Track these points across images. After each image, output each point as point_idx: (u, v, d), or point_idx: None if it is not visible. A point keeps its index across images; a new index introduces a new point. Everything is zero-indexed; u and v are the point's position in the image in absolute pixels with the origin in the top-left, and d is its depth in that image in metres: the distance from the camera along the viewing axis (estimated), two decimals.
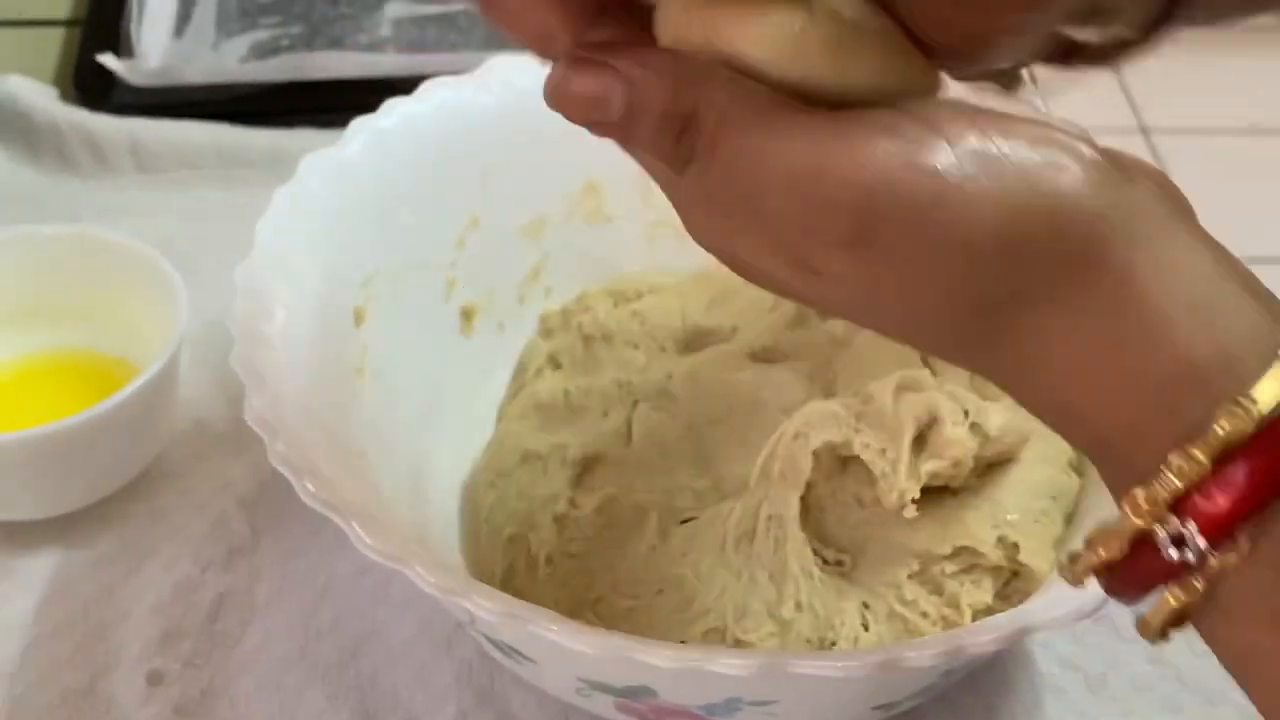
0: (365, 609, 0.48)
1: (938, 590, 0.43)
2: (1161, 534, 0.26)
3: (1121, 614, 0.48)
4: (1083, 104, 0.52)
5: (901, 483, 0.43)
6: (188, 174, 0.66)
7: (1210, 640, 0.27)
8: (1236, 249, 0.47)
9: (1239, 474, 0.26)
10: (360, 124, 0.49)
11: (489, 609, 0.35)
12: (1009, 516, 0.44)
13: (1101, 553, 0.27)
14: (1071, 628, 0.47)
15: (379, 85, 0.63)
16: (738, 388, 0.50)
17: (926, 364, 0.48)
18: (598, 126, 0.30)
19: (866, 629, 0.43)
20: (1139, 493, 0.27)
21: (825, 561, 0.45)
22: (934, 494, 0.44)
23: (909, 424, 0.44)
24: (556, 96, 0.30)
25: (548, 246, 0.54)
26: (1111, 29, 0.32)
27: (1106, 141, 0.50)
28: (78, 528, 0.50)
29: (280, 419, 0.40)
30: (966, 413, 0.44)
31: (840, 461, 0.45)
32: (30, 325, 0.54)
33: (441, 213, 0.51)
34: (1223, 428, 0.26)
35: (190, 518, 0.51)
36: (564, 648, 0.36)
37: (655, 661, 0.34)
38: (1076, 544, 0.42)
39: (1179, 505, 0.26)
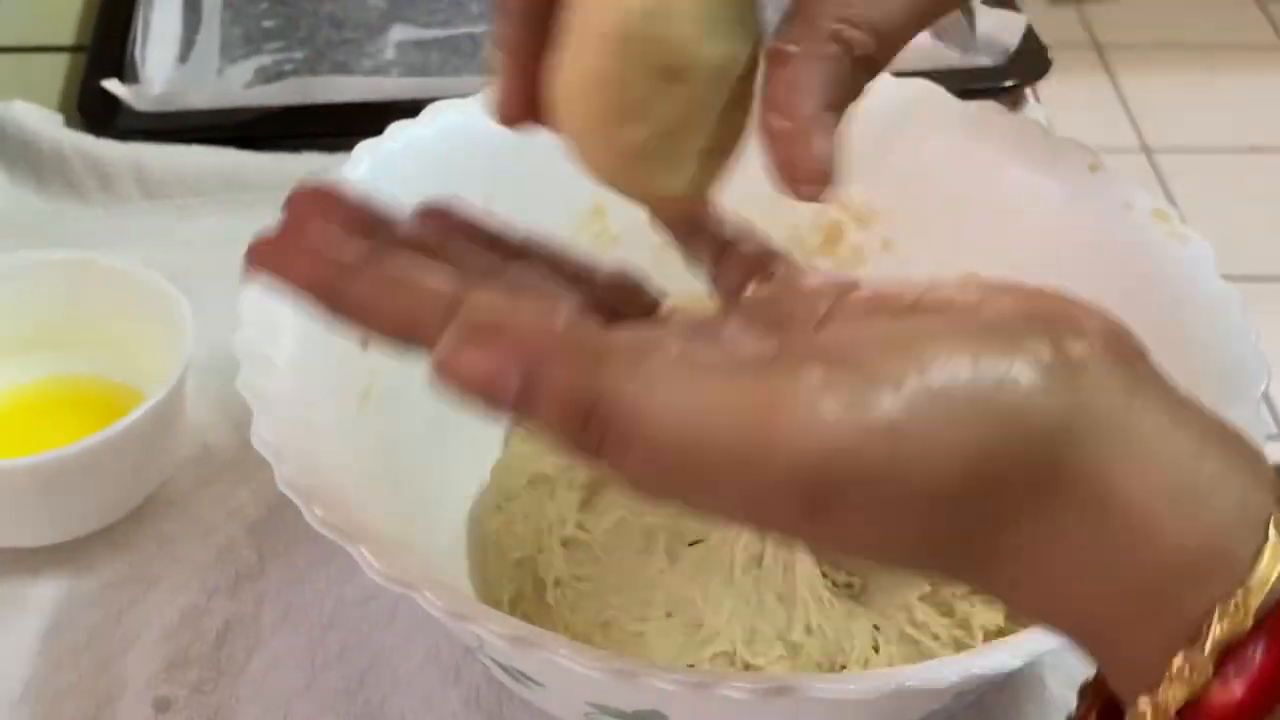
0: (372, 635, 0.48)
1: (949, 612, 0.43)
2: None
3: None
4: (1085, 124, 0.52)
5: None
6: (193, 199, 0.66)
7: None
8: (1237, 268, 0.47)
9: (1242, 675, 0.25)
10: (366, 147, 0.49)
11: (498, 633, 0.35)
12: None
13: None
14: None
15: (383, 109, 0.63)
16: None
17: None
18: (495, 409, 0.27)
19: (877, 651, 0.42)
20: (1144, 704, 0.26)
21: (835, 584, 0.44)
22: None
23: None
24: (442, 375, 0.27)
25: None
26: None
27: (1110, 162, 0.50)
28: (84, 554, 0.50)
29: (287, 443, 0.40)
30: None
31: None
32: (36, 351, 0.54)
33: None
34: (1218, 628, 0.25)
35: (196, 544, 0.51)
36: (574, 672, 0.35)
37: (666, 685, 0.34)
38: None
39: (1186, 711, 0.26)
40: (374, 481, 0.45)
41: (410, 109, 0.51)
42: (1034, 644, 0.37)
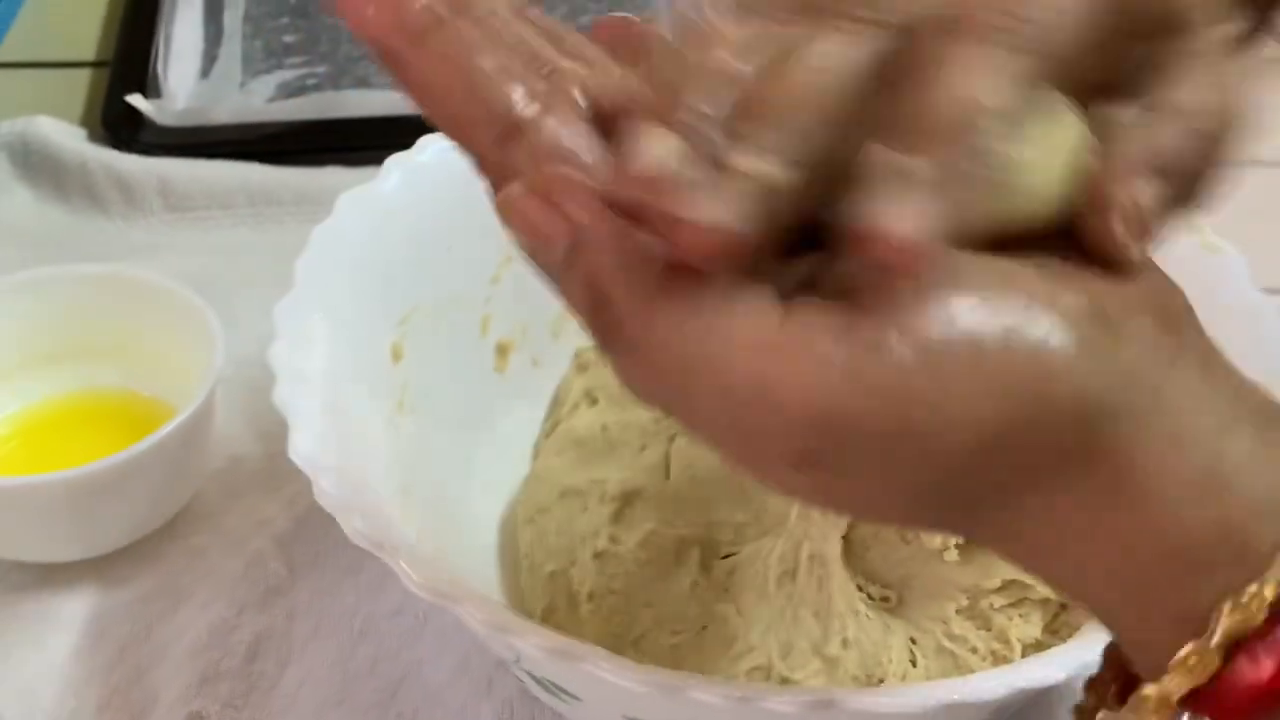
0: (403, 649, 0.48)
1: (986, 625, 0.43)
2: None
3: None
4: None
5: None
6: (217, 213, 0.66)
7: None
8: (1264, 281, 0.47)
9: (1247, 667, 0.24)
10: (396, 161, 0.50)
11: (539, 646, 0.35)
12: None
13: None
14: None
15: (406, 123, 0.63)
16: None
17: None
18: (536, 262, 0.27)
19: (914, 665, 0.42)
20: (1149, 690, 0.25)
21: (870, 597, 0.44)
22: None
23: None
24: (505, 210, 0.26)
25: None
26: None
27: None
28: (114, 569, 0.50)
29: (323, 457, 0.40)
30: None
31: None
32: (65, 365, 0.53)
33: (476, 249, 0.51)
34: (1228, 620, 0.24)
35: (227, 557, 0.51)
36: (612, 684, 0.35)
37: (708, 699, 0.34)
38: None
39: (1189, 700, 0.25)
40: (406, 494, 0.45)
41: (428, 125, 0.51)
42: (1077, 657, 0.36)
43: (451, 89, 0.27)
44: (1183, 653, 0.24)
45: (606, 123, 0.27)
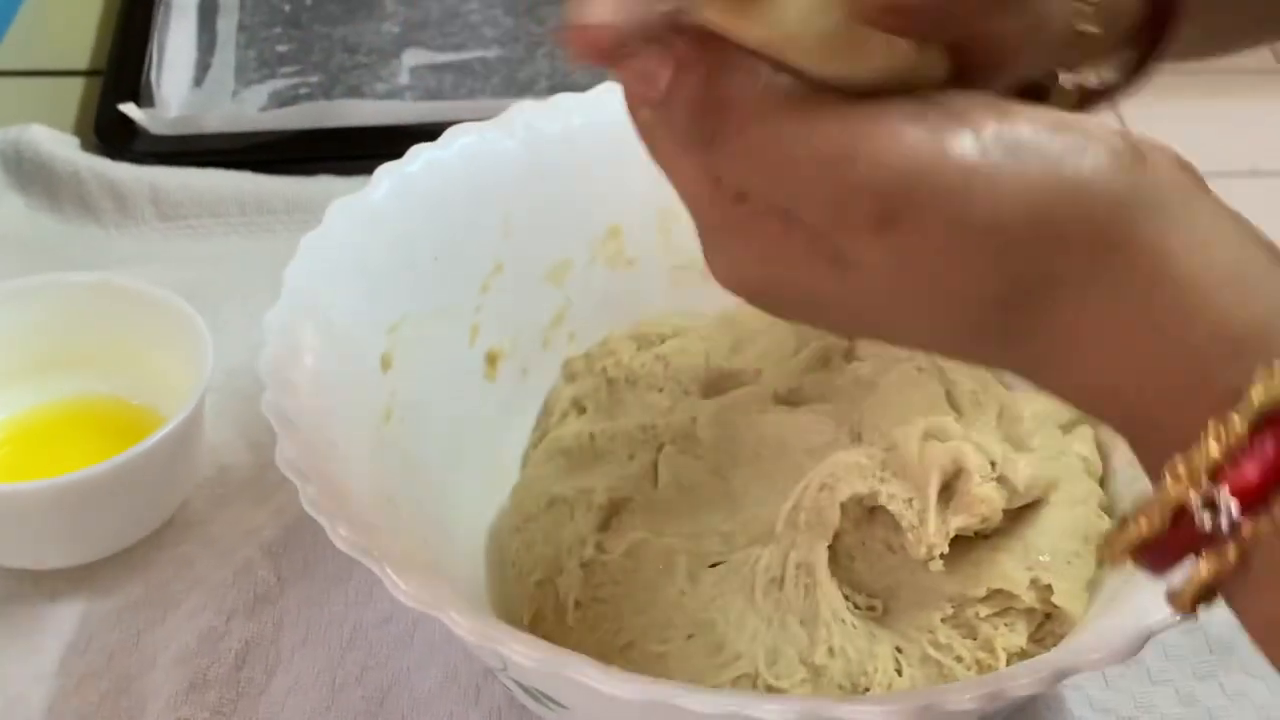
0: (391, 657, 0.48)
1: (971, 634, 0.43)
2: (1196, 500, 0.26)
3: (1153, 656, 0.48)
4: None
5: (929, 537, 0.43)
6: (209, 221, 0.66)
7: (1239, 611, 0.28)
8: None
9: (1273, 442, 0.26)
10: (386, 170, 0.50)
11: (527, 655, 0.35)
12: (1041, 558, 0.43)
13: (1143, 524, 0.27)
14: (1104, 670, 0.47)
15: (398, 133, 0.64)
16: (763, 430, 0.50)
17: (953, 407, 0.48)
18: (638, 99, 0.30)
19: (900, 674, 0.42)
20: (1178, 461, 0.27)
21: (856, 606, 0.44)
22: (965, 538, 0.44)
23: (935, 474, 0.44)
24: (618, 65, 0.29)
25: (571, 291, 0.54)
26: (1090, 70, 0.33)
27: None
28: (103, 576, 0.50)
29: (310, 465, 0.40)
30: (993, 464, 0.44)
31: (868, 510, 0.45)
32: (55, 373, 0.54)
33: (466, 258, 0.51)
34: (1258, 394, 0.26)
35: (215, 566, 0.51)
36: (599, 693, 0.35)
37: (696, 708, 0.34)
38: (1109, 589, 0.43)
39: (1216, 473, 0.26)
40: (394, 503, 0.45)
41: (424, 132, 0.52)
42: (1059, 666, 0.37)
43: None
44: (1214, 424, 0.26)
45: None
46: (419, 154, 0.51)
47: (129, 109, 0.69)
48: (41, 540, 0.49)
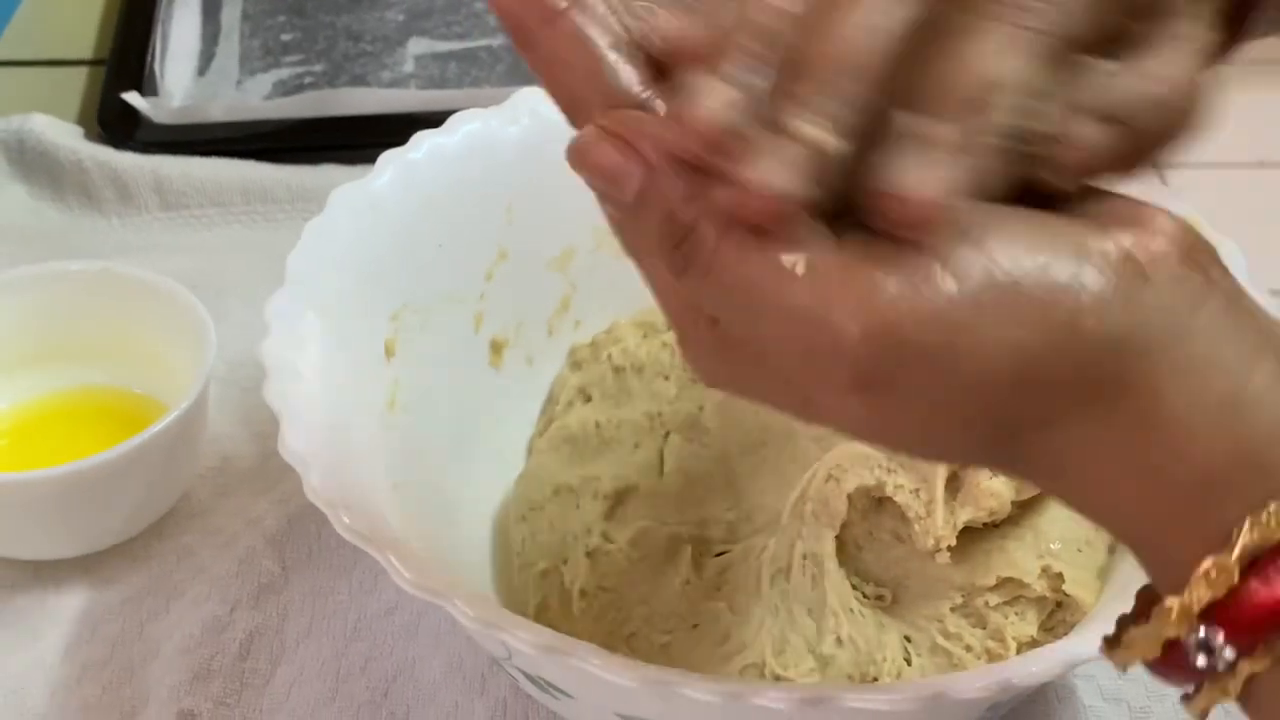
0: (396, 647, 0.48)
1: (981, 623, 0.42)
2: (1191, 641, 0.26)
3: None
4: None
5: (937, 529, 0.42)
6: (212, 211, 0.66)
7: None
8: (1246, 284, 0.46)
9: (1266, 582, 0.26)
10: (389, 157, 0.49)
11: (530, 642, 0.35)
12: (1052, 546, 0.43)
13: (1139, 651, 0.28)
14: None
15: (402, 121, 0.63)
16: (769, 418, 0.49)
17: None
18: (609, 202, 0.29)
19: (909, 663, 0.42)
20: (1171, 602, 0.26)
21: (865, 596, 0.44)
22: (974, 527, 0.43)
23: (942, 465, 0.43)
24: (577, 158, 0.28)
25: (576, 278, 0.54)
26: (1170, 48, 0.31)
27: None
28: (106, 567, 0.50)
29: (314, 453, 0.40)
30: None
31: (875, 500, 0.45)
32: (57, 362, 0.53)
33: (470, 245, 0.51)
34: (1244, 537, 0.26)
35: (219, 556, 0.51)
36: (605, 681, 0.35)
37: (700, 696, 0.34)
38: (1120, 576, 0.42)
39: (1208, 614, 0.26)
40: (398, 492, 0.44)
41: (429, 121, 0.51)
42: (1069, 655, 0.36)
43: (572, 68, 0.29)
44: (1204, 566, 0.26)
45: (661, 65, 0.29)
46: (422, 141, 0.50)
47: (132, 98, 0.69)
48: (44, 530, 0.49)
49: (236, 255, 0.63)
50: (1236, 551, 0.26)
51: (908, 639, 0.43)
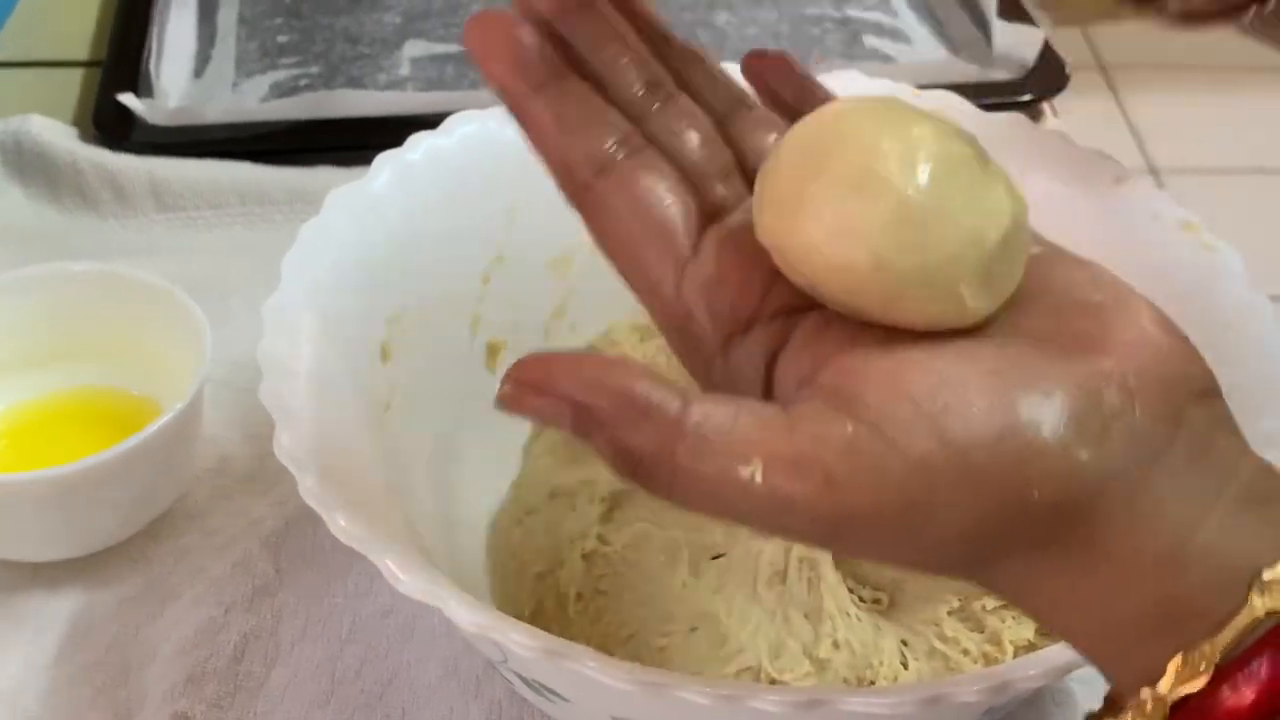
0: (391, 650, 0.48)
1: (979, 627, 0.42)
2: None
3: None
4: (1092, 144, 0.52)
5: None
6: (209, 213, 0.66)
7: None
8: (1246, 290, 0.46)
9: (1188, 717, 0.27)
10: (386, 158, 0.49)
11: (526, 645, 0.35)
12: None
13: None
14: None
15: (399, 123, 0.63)
16: None
17: None
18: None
19: (906, 667, 0.42)
20: None
21: (861, 599, 0.44)
22: None
23: None
24: (508, 408, 0.30)
25: (573, 282, 0.53)
26: None
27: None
28: (101, 568, 0.50)
29: (310, 455, 0.40)
30: None
31: None
32: (54, 364, 0.53)
33: (467, 248, 0.51)
34: (1167, 684, 0.27)
35: (214, 558, 0.50)
36: (600, 685, 0.35)
37: (696, 698, 0.34)
38: None
39: None
40: (394, 494, 0.44)
41: (426, 123, 0.51)
42: (1066, 659, 0.36)
43: (557, 133, 0.32)
44: (1141, 696, 0.27)
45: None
46: (419, 142, 0.50)
47: (128, 100, 0.69)
48: (39, 531, 0.49)
49: (234, 257, 0.63)
50: (1164, 688, 0.27)
51: (904, 643, 0.43)
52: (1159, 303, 0.47)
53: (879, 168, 0.29)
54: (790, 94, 0.36)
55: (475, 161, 0.51)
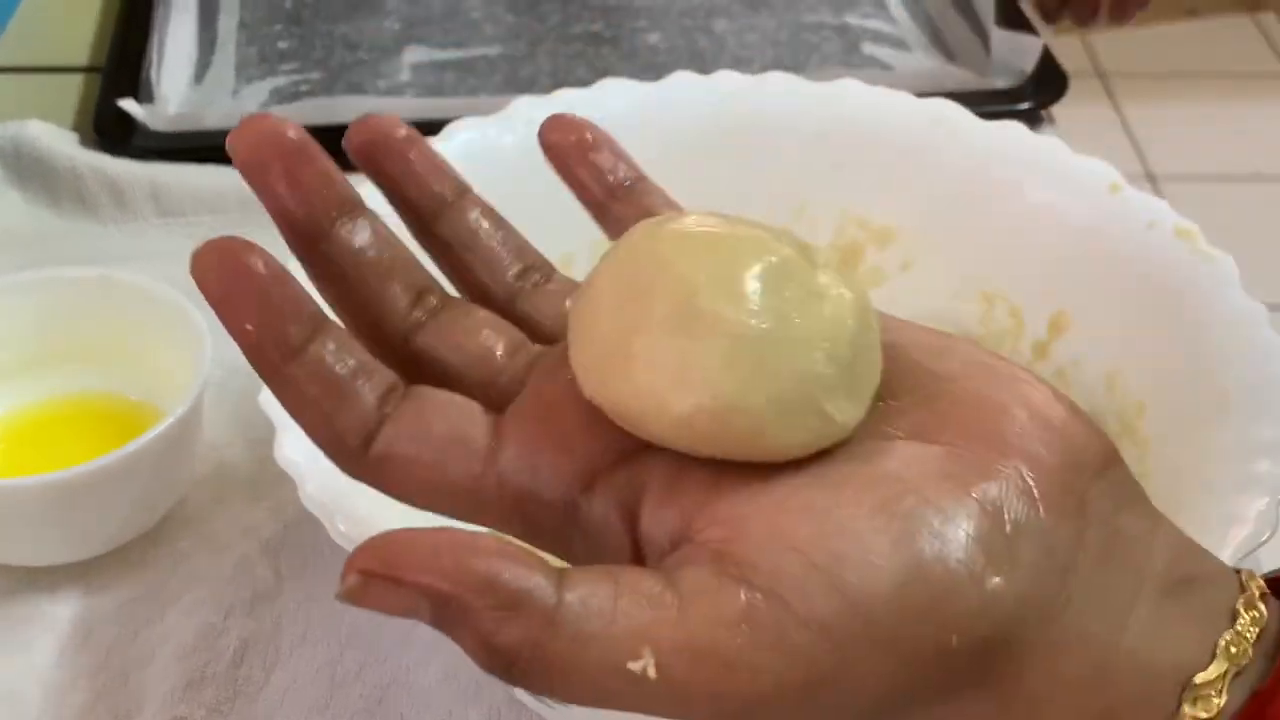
0: (390, 655, 0.48)
1: None
2: None
3: None
4: (1089, 152, 0.52)
5: None
6: (207, 218, 0.66)
7: None
8: (1243, 297, 0.46)
9: None
10: None
11: None
12: None
13: None
14: None
15: None
16: None
17: None
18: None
19: None
20: None
21: None
22: None
23: None
24: (357, 604, 0.26)
25: None
26: None
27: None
28: (100, 573, 0.50)
29: (309, 460, 0.40)
30: None
31: None
32: (53, 369, 0.53)
33: None
34: None
35: (213, 563, 0.51)
36: None
37: None
38: None
39: None
40: (391, 501, 0.44)
41: (425, 130, 0.51)
42: None
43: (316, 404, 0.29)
44: None
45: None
46: None
47: (129, 105, 0.69)
48: (39, 536, 0.49)
49: None
50: None
51: None
52: (1153, 308, 0.47)
53: (703, 303, 0.27)
54: (598, 190, 0.35)
55: (474, 168, 0.50)
